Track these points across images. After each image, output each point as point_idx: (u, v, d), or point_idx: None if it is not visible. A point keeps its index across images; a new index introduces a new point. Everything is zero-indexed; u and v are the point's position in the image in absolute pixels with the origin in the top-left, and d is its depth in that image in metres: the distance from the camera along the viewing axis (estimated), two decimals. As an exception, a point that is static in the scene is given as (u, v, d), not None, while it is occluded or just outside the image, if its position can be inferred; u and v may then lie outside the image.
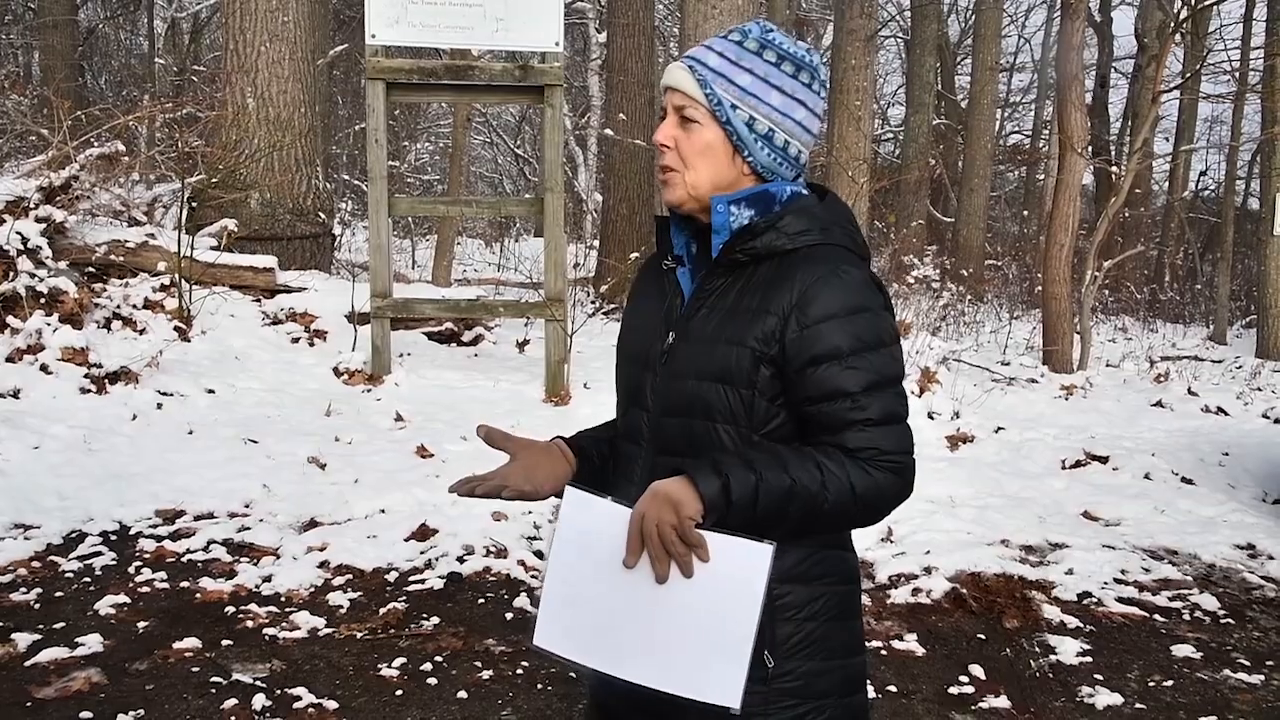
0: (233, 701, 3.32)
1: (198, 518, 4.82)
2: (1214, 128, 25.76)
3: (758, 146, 1.61)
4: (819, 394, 1.55)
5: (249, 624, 3.88)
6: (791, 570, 1.58)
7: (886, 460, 1.54)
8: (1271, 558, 5.11)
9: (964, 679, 3.74)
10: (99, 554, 4.39)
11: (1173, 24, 11.01)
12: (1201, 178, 25.75)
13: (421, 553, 4.57)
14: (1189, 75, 13.65)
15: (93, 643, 3.64)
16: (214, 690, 3.39)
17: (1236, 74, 14.70)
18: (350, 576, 4.32)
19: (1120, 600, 4.49)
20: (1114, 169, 13.09)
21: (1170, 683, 3.77)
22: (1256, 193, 18.04)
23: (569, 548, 1.57)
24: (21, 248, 6.51)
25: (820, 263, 1.57)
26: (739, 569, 1.49)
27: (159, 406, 6.10)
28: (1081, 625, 4.22)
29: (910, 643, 4.02)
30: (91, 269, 7.16)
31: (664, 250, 1.73)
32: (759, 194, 1.62)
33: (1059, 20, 11.50)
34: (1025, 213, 23.37)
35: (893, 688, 3.66)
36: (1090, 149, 11.29)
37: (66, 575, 4.19)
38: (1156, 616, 4.37)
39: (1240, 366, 11.73)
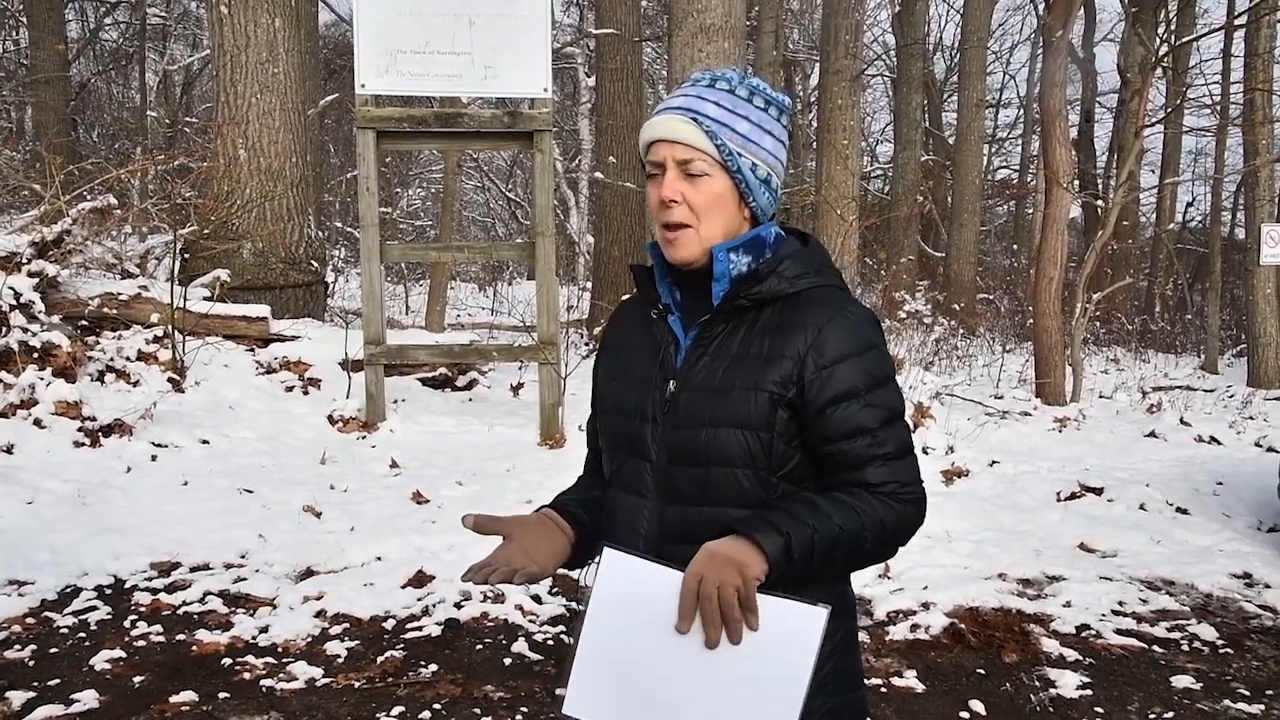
0: (229, 755, 3.30)
1: (193, 569, 4.80)
2: (1199, 160, 26.04)
3: (760, 191, 1.63)
4: (839, 433, 1.57)
5: (246, 675, 3.85)
6: None
7: (906, 493, 1.59)
8: (1268, 586, 5.12)
9: (965, 715, 3.72)
10: (94, 608, 4.36)
11: (1154, 59, 11.18)
12: (1188, 209, 26.01)
13: (418, 599, 4.56)
14: (1171, 110, 13.83)
15: (88, 699, 3.61)
16: (210, 744, 3.37)
17: (1218, 108, 14.88)
18: (347, 625, 4.30)
19: (1119, 632, 4.48)
20: (1100, 202, 13.21)
21: (1171, 714, 3.76)
22: (1243, 223, 18.20)
23: (606, 612, 1.50)
24: (14, 303, 6.55)
25: (825, 305, 1.60)
26: (792, 634, 1.44)
27: (153, 458, 6.10)
28: (1081, 658, 4.21)
29: (910, 679, 4.00)
30: (84, 322, 7.19)
31: (651, 299, 1.72)
32: (753, 239, 1.64)
33: (1042, 57, 11.66)
34: (1015, 246, 23.57)
35: (893, 726, 3.64)
36: (1076, 183, 11.40)
37: (61, 631, 4.16)
38: (1155, 648, 4.36)
39: (1232, 395, 11.76)
